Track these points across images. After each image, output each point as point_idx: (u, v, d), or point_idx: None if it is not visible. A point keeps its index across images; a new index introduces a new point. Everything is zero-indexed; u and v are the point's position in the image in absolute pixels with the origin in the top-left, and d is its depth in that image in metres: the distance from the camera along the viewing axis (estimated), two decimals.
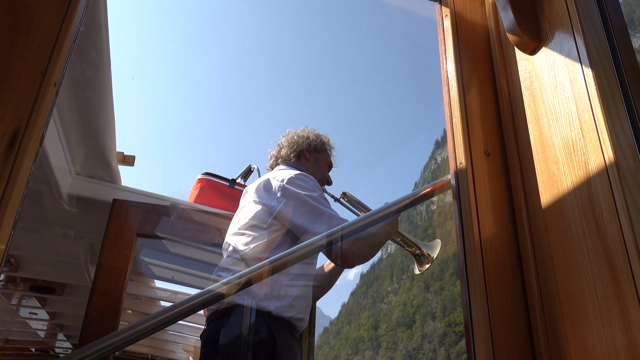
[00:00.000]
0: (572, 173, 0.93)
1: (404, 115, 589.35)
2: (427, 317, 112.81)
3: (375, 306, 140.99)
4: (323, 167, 2.18)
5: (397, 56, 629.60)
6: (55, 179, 2.43)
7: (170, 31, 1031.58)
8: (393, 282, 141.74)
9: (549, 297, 0.94)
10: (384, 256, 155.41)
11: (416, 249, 2.05)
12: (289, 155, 2.13)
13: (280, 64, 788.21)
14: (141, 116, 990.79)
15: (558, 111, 0.99)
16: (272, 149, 2.22)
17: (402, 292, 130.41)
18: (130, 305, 4.13)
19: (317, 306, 2.36)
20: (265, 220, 1.81)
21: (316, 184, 1.89)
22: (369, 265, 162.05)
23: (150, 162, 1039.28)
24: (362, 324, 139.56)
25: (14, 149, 0.79)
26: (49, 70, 0.86)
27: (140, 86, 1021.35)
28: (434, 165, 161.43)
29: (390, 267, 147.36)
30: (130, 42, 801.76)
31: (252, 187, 1.99)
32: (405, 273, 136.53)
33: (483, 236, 1.01)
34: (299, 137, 2.16)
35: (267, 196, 1.86)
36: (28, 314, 4.61)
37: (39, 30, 0.88)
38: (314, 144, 2.15)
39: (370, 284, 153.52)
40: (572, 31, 1.00)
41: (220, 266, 1.86)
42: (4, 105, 0.80)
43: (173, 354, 5.53)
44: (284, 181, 1.84)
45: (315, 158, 2.16)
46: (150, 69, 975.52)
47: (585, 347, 0.85)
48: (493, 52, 1.22)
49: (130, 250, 2.53)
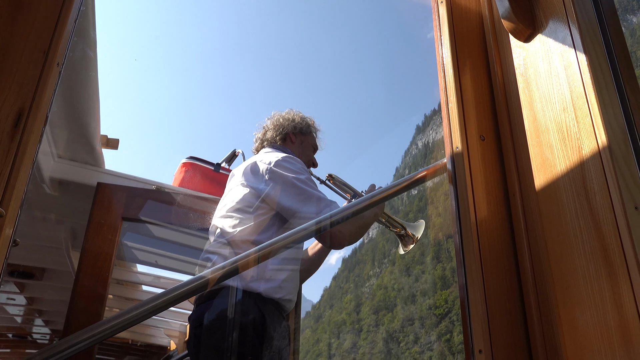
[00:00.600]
0: (565, 157, 0.97)
1: (384, 101, 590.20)
2: (408, 300, 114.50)
3: (357, 290, 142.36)
4: (308, 149, 2.19)
5: (377, 43, 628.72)
6: (37, 161, 2.38)
7: (154, 13, 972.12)
8: (374, 266, 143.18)
9: (542, 277, 0.98)
10: (365, 241, 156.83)
11: (401, 230, 2.09)
12: (275, 138, 2.13)
13: (263, 48, 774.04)
14: (125, 99, 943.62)
15: (552, 97, 1.02)
16: (258, 132, 2.22)
17: (384, 276, 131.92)
18: (113, 290, 4.11)
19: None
20: (253, 203, 1.82)
21: (303, 167, 1.91)
22: (351, 250, 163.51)
23: (134, 145, 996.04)
24: (344, 307, 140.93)
25: (19, 129, 0.78)
26: (51, 51, 0.85)
27: (125, 68, 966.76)
28: (415, 150, 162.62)
29: (372, 251, 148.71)
30: (115, 23, 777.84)
31: (239, 169, 2.00)
32: (386, 257, 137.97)
33: (479, 218, 1.05)
34: (285, 120, 2.17)
35: (255, 179, 1.86)
36: (5, 299, 4.54)
37: (40, 9, 0.87)
38: (299, 127, 2.16)
39: (352, 268, 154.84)
40: (566, 19, 1.02)
41: (207, 249, 1.86)
42: (7, 85, 0.80)
43: (154, 338, 5.52)
44: (271, 164, 1.84)
45: (300, 140, 2.17)
46: (135, 50, 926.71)
47: (577, 324, 0.89)
48: (487, 39, 1.24)
49: (115, 235, 2.52)
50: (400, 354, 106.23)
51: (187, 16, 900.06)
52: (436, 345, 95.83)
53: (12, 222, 0.76)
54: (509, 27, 1.12)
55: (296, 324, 2.27)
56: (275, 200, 1.78)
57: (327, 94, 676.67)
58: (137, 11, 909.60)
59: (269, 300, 1.69)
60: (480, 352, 0.94)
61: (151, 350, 5.92)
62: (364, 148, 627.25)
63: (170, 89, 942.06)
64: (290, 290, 1.79)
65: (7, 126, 0.78)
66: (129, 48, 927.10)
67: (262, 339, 1.62)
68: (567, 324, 0.91)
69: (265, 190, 1.81)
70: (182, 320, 4.68)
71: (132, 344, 5.66)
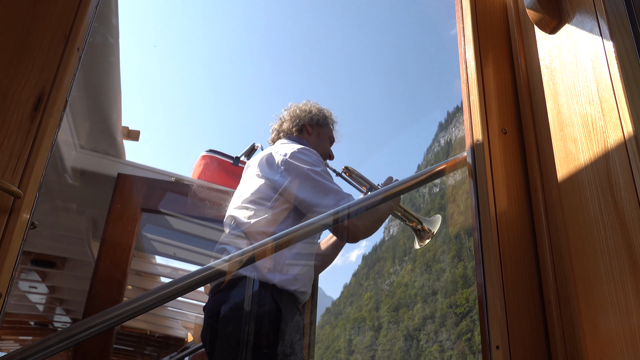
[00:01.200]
0: (590, 151, 0.94)
1: (406, 97, 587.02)
2: (429, 298, 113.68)
3: (377, 287, 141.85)
4: (325, 141, 2.16)
5: (400, 38, 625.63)
6: (59, 151, 2.42)
7: (178, 4, 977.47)
8: (395, 263, 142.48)
9: (563, 273, 0.96)
10: (386, 238, 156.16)
11: (417, 224, 2.06)
12: (291, 129, 2.11)
13: (286, 41, 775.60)
14: (146, 91, 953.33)
15: (578, 90, 1.00)
16: (274, 123, 2.20)
17: (404, 274, 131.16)
18: (131, 281, 4.16)
19: (320, 287, 2.37)
20: (268, 194, 1.82)
21: (319, 159, 1.89)
22: (371, 247, 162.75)
23: (154, 137, 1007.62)
24: (364, 304, 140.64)
25: (39, 112, 0.79)
26: (72, 35, 0.85)
27: (147, 60, 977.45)
28: (437, 147, 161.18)
29: (392, 248, 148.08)
30: (138, 13, 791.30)
31: (255, 160, 1.99)
32: (407, 255, 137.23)
33: (499, 213, 1.02)
34: (301, 111, 2.15)
35: (270, 170, 1.86)
36: (28, 287, 4.63)
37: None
38: (316, 118, 2.14)
39: (372, 265, 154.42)
40: (594, 10, 1.00)
41: (222, 240, 1.86)
42: (28, 68, 0.80)
43: (172, 330, 5.57)
44: (286, 155, 1.83)
45: (317, 132, 2.14)
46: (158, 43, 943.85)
47: (598, 323, 0.87)
48: (511, 30, 1.22)
49: (134, 226, 2.55)
50: (420, 353, 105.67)
51: (212, 8, 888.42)
52: (457, 344, 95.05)
53: (29, 205, 0.77)
54: (534, 18, 1.10)
55: (312, 317, 2.26)
56: (292, 193, 1.77)
57: (348, 88, 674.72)
58: (161, 2, 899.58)
59: (284, 292, 1.69)
60: (497, 348, 0.92)
61: (168, 341, 5.99)
62: (384, 144, 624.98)
63: (192, 82, 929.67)
64: (305, 283, 1.78)
65: (27, 109, 0.78)
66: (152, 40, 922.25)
67: (276, 330, 1.62)
68: (588, 322, 0.88)
69: (280, 182, 1.80)
70: (199, 312, 4.72)
71: (150, 335, 5.73)
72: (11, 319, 5.79)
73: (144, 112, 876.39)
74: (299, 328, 1.73)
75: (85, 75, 2.02)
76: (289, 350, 1.63)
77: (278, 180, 1.80)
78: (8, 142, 0.76)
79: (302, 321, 1.79)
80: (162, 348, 6.51)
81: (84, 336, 0.90)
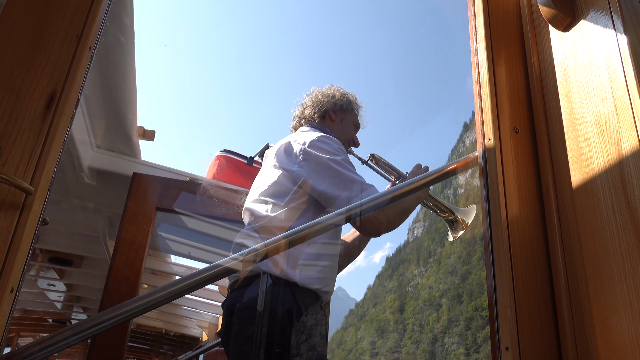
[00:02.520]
0: (603, 150, 0.92)
1: (431, 97, 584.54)
2: (454, 300, 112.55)
3: (401, 289, 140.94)
4: (349, 127, 2.05)
5: (433, 32, 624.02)
6: (77, 151, 2.46)
7: (193, 4, 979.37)
8: (419, 265, 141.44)
9: (575, 274, 0.94)
10: (410, 239, 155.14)
11: (449, 215, 1.95)
12: (313, 116, 2.01)
13: (306, 35, 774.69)
14: (161, 91, 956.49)
15: (591, 88, 0.98)
16: (296, 109, 2.09)
17: (429, 276, 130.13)
18: (146, 280, 4.20)
19: (343, 288, 2.32)
20: (286, 186, 1.73)
21: (340, 147, 1.79)
22: (395, 249, 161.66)
23: (169, 137, 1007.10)
24: (388, 306, 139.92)
25: (51, 110, 0.80)
26: (84, 35, 0.86)
27: (162, 61, 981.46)
28: (462, 148, 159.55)
29: (416, 250, 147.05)
30: (153, 14, 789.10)
31: (273, 150, 1.89)
32: (432, 257, 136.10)
33: (510, 213, 1.01)
34: (324, 96, 2.03)
35: (288, 160, 1.77)
36: (46, 285, 4.70)
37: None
38: (339, 103, 2.03)
39: (396, 267, 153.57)
40: (608, 8, 0.98)
41: (240, 234, 1.79)
42: (41, 67, 0.82)
43: (187, 329, 5.61)
44: (305, 144, 1.74)
45: (341, 118, 2.03)
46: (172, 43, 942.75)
47: (610, 325, 0.85)
48: (524, 28, 1.20)
49: (149, 224, 2.57)
50: (445, 355, 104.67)
51: (227, 7, 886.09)
52: (483, 347, 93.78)
53: (41, 200, 0.78)
54: (547, 14, 1.08)
55: (325, 312, 2.23)
56: (309, 184, 1.68)
57: (371, 85, 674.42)
58: (176, 2, 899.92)
59: (306, 290, 1.62)
60: (507, 349, 0.91)
61: (183, 340, 6.04)
62: (407, 145, 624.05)
63: (208, 82, 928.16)
64: (327, 282, 1.71)
65: (40, 107, 0.80)
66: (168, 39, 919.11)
67: (297, 329, 1.57)
68: (600, 324, 0.87)
69: (298, 172, 1.71)
70: (214, 311, 4.75)
71: (165, 334, 5.78)
72: (30, 316, 5.89)
73: (159, 112, 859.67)
74: (320, 328, 1.67)
75: (101, 74, 2.05)
76: (308, 351, 1.58)
77: (296, 171, 1.72)
78: (21, 140, 0.78)
79: (324, 321, 1.73)
80: (177, 347, 6.56)
81: (97, 329, 0.91)
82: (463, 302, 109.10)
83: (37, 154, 0.77)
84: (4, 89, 0.79)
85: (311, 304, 1.64)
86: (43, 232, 3.38)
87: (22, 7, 0.85)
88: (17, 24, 0.84)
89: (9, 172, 0.75)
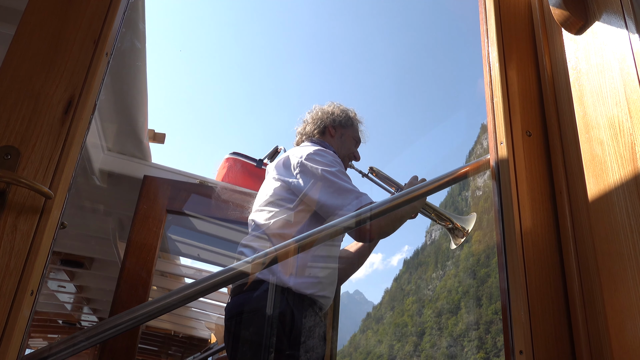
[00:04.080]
0: (617, 154, 0.92)
1: (447, 97, 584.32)
2: (473, 303, 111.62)
3: (419, 292, 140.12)
4: (349, 142, 2.13)
5: (445, 33, 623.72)
6: (88, 153, 2.48)
7: (203, 8, 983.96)
8: (437, 268, 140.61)
9: (589, 277, 0.94)
10: (427, 242, 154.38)
11: (449, 223, 2.00)
12: (313, 132, 2.10)
13: (316, 39, 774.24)
14: (172, 94, 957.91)
15: (604, 91, 0.98)
16: (298, 126, 2.20)
17: (447, 279, 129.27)
18: (156, 282, 4.22)
19: (360, 291, 2.33)
20: (284, 196, 1.83)
21: (336, 159, 1.88)
22: (413, 251, 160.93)
23: (179, 140, 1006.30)
24: (406, 309, 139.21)
25: (69, 115, 0.81)
26: (100, 40, 0.88)
27: (172, 64, 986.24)
28: (480, 150, 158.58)
29: (434, 253, 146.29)
30: (164, 17, 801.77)
31: (274, 164, 2.00)
32: (450, 259, 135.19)
33: (522, 216, 1.01)
34: (323, 113, 2.13)
35: (286, 172, 1.87)
36: (57, 286, 4.74)
37: (91, 0, 0.90)
38: (338, 119, 2.12)
39: (414, 270, 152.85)
40: (621, 10, 0.98)
41: (242, 242, 1.88)
42: (59, 72, 0.83)
43: (195, 330, 5.63)
44: (302, 157, 1.84)
45: (340, 134, 2.12)
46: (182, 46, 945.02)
47: (625, 328, 0.85)
48: (536, 31, 1.20)
49: (159, 227, 2.58)
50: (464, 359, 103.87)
51: (238, 10, 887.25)
52: (503, 351, 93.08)
53: (60, 205, 0.79)
54: (559, 17, 1.08)
55: (333, 323, 2.24)
56: (305, 194, 1.77)
57: (383, 88, 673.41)
58: (187, 5, 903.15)
59: (300, 296, 1.68)
60: (521, 352, 0.91)
61: (192, 342, 6.05)
62: (427, 145, 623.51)
63: (217, 85, 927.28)
64: (324, 287, 1.77)
65: (58, 112, 0.81)
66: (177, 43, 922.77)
67: (289, 333, 1.62)
68: (615, 328, 0.87)
69: (295, 184, 1.81)
70: (221, 313, 4.77)
71: (174, 335, 5.80)
72: (40, 317, 5.93)
73: (169, 115, 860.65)
74: (316, 333, 1.72)
75: (113, 79, 2.07)
76: (304, 356, 1.63)
77: (293, 182, 1.81)
78: (40, 144, 0.79)
79: (321, 326, 1.77)
80: (186, 348, 6.58)
81: (109, 334, 0.92)
82: (482, 305, 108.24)
83: (56, 158, 0.79)
84: (23, 94, 0.81)
85: (306, 309, 1.69)
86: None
87: (41, 14, 0.86)
88: (36, 30, 0.85)
89: (28, 176, 0.76)
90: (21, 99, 0.80)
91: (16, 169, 0.76)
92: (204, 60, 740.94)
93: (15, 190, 0.76)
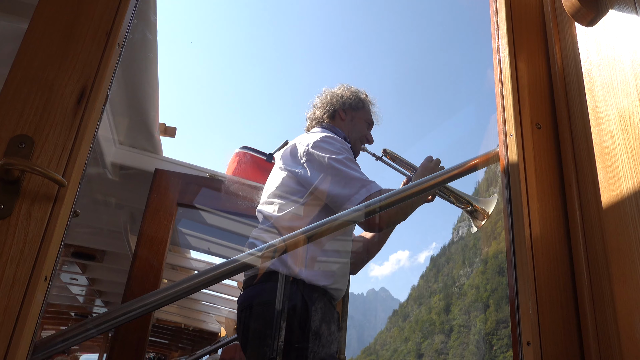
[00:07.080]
0: (627, 146, 0.92)
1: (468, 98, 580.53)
2: (502, 301, 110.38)
3: (447, 289, 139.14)
4: (361, 125, 2.07)
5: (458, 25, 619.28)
6: (100, 147, 2.50)
7: (214, 4, 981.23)
8: (465, 265, 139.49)
9: (597, 270, 0.94)
10: (454, 239, 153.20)
11: (468, 206, 1.94)
12: (323, 117, 2.04)
13: (326, 32, 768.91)
14: (183, 88, 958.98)
15: (615, 84, 0.98)
16: (308, 111, 2.13)
17: (475, 276, 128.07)
18: (166, 275, 4.26)
19: (386, 289, 2.31)
20: (291, 186, 1.79)
21: (344, 146, 1.83)
22: (439, 248, 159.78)
23: (190, 134, 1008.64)
24: (433, 307, 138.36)
25: (81, 106, 0.83)
26: (113, 32, 0.89)
27: (184, 58, 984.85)
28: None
29: (461, 250, 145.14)
30: (175, 9, 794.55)
31: (280, 152, 1.95)
32: (478, 256, 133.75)
33: (531, 208, 1.01)
34: (333, 96, 2.06)
35: (293, 162, 1.82)
36: (69, 279, 4.80)
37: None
38: (348, 102, 2.05)
39: (441, 267, 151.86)
40: (633, 3, 0.97)
41: (251, 235, 1.86)
42: (72, 64, 0.84)
43: (205, 324, 5.68)
44: (309, 145, 1.79)
45: (351, 117, 2.05)
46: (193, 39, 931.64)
47: (634, 320, 0.85)
48: (547, 23, 1.20)
49: (170, 220, 2.61)
50: (494, 357, 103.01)
51: (246, 6, 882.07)
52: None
53: (73, 193, 0.81)
54: (570, 9, 1.08)
55: (343, 316, 2.24)
56: (312, 184, 1.73)
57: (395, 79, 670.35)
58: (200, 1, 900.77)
59: (313, 287, 1.67)
60: (528, 344, 0.91)
61: (202, 335, 6.10)
62: (444, 146, 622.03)
63: (228, 79, 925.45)
64: (336, 279, 1.75)
65: (71, 102, 0.82)
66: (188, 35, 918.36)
67: (303, 325, 1.61)
68: (623, 320, 0.87)
69: (302, 173, 1.76)
70: (231, 307, 4.80)
71: (184, 328, 5.85)
72: (53, 309, 6.01)
73: (180, 109, 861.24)
74: (330, 324, 1.70)
75: (124, 72, 2.08)
76: (318, 347, 1.62)
77: (300, 172, 1.77)
78: (54, 134, 0.80)
79: (335, 318, 1.76)
80: (195, 342, 6.64)
81: (120, 321, 0.94)
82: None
83: (69, 147, 0.80)
84: (37, 85, 0.82)
85: (319, 300, 1.68)
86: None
87: (54, 6, 0.88)
88: (50, 22, 0.86)
89: (42, 164, 0.78)
90: (35, 89, 0.82)
91: (30, 157, 0.78)
92: (214, 53, 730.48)
93: (30, 178, 0.78)
